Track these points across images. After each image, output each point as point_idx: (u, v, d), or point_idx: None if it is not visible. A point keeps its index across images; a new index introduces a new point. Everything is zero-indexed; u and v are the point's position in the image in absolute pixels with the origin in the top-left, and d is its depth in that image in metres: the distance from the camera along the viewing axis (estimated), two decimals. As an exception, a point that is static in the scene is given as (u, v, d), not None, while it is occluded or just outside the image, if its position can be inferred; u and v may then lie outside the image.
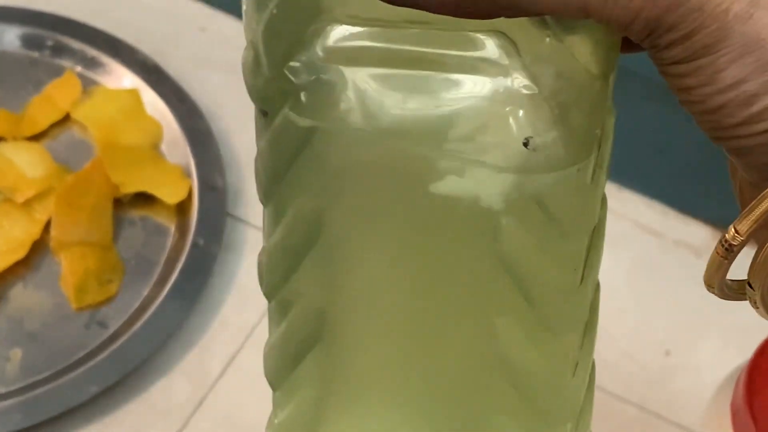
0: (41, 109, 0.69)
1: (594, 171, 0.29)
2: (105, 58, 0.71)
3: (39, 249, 0.64)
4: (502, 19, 0.25)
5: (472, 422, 0.32)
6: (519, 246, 0.29)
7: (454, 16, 0.25)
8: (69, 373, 0.59)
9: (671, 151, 0.66)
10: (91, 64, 0.71)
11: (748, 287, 0.27)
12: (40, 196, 0.64)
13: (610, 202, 0.32)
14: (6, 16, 0.73)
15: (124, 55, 0.71)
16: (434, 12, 0.25)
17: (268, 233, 0.31)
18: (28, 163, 0.66)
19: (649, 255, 0.67)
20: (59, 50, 0.72)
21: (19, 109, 0.69)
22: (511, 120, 0.27)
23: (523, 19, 0.26)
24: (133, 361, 0.59)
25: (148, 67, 0.71)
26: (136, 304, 0.62)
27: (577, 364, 0.32)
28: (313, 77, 0.27)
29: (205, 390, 0.60)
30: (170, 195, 0.66)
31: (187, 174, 0.67)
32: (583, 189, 0.29)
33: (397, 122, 0.27)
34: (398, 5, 0.25)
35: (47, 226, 0.64)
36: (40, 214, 0.64)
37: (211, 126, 0.69)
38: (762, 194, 0.26)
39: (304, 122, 0.28)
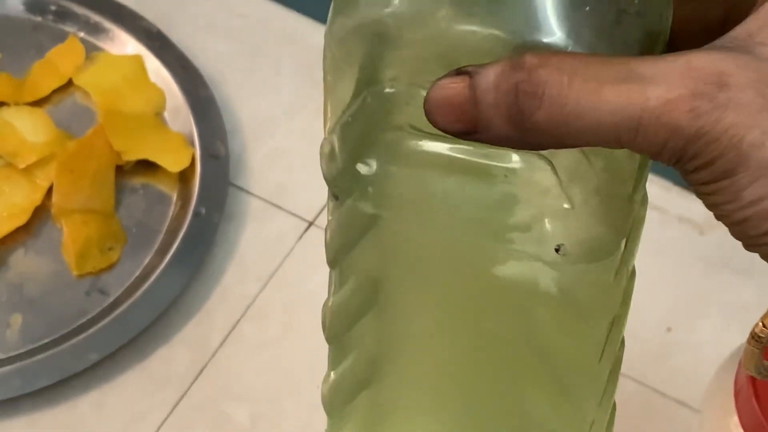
0: (44, 75, 0.69)
1: (618, 268, 0.33)
2: (108, 24, 0.71)
3: (40, 215, 0.64)
4: None
5: None
6: (544, 325, 0.34)
7: (506, 147, 0.29)
8: (69, 340, 0.59)
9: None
10: (95, 29, 0.71)
11: None
12: (41, 162, 0.64)
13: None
14: (9, -20, 0.72)
15: (128, 22, 0.71)
16: (489, 144, 0.28)
17: (333, 290, 0.37)
18: (30, 128, 0.65)
19: (651, 231, 0.66)
20: (62, 15, 0.71)
21: (22, 74, 0.69)
22: (547, 224, 0.31)
23: None
24: (133, 329, 0.59)
25: (151, 33, 0.70)
26: (137, 272, 0.62)
27: (593, 422, 0.37)
28: (380, 174, 0.32)
29: (205, 359, 0.60)
30: (173, 163, 0.65)
31: (190, 142, 0.66)
32: (604, 283, 0.33)
33: (448, 217, 0.32)
34: (461, 138, 0.28)
35: (49, 193, 0.64)
36: (42, 180, 0.64)
37: (214, 94, 0.68)
38: None
39: (368, 210, 0.33)
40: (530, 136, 0.27)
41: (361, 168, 0.32)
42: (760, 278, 0.65)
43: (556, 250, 0.31)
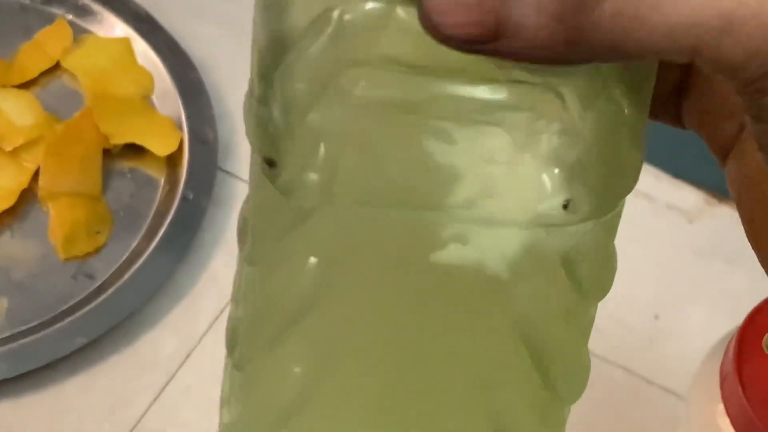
0: (31, 57, 0.69)
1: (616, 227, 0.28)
2: (97, 6, 0.70)
3: (27, 198, 0.63)
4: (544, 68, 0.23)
5: None
6: (537, 312, 0.27)
7: (530, 61, 0.22)
8: (55, 324, 0.58)
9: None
10: (83, 12, 0.71)
11: None
12: (28, 145, 0.64)
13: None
14: (-3, -39, 0.72)
15: (116, 4, 0.70)
16: (510, 58, 0.22)
17: (243, 295, 0.29)
18: (17, 111, 0.65)
19: (640, 219, 0.67)
20: (51, -3, 0.71)
21: (9, 56, 0.68)
22: (550, 177, 0.25)
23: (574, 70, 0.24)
24: (120, 313, 0.59)
25: (140, 16, 0.70)
26: (124, 256, 0.62)
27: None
28: (335, 129, 0.25)
29: (192, 343, 0.60)
30: (160, 147, 0.65)
31: (178, 126, 0.66)
32: (606, 245, 0.28)
33: (427, 181, 0.25)
34: (471, 50, 0.22)
35: (36, 176, 0.63)
36: (29, 163, 0.63)
37: (203, 78, 0.68)
38: None
39: (316, 180, 0.25)
40: (581, 41, 0.21)
41: (313, 121, 0.25)
42: (749, 266, 0.64)
43: (564, 207, 0.25)
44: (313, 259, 0.27)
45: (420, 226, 0.26)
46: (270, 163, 0.26)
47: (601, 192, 0.26)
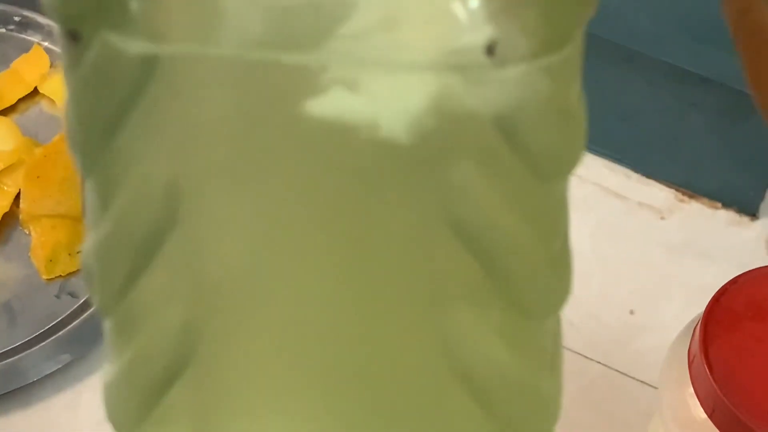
0: (9, 85, 0.70)
1: (579, 78, 0.22)
2: (72, 33, 0.72)
3: (9, 221, 0.64)
4: None
5: None
6: (478, 199, 0.20)
7: None
8: (41, 342, 0.59)
9: (634, 115, 0.67)
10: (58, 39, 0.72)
11: None
12: (9, 169, 0.65)
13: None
14: (-28, -8, 0.73)
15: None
16: None
17: (93, 220, 0.22)
18: (-3, 136, 0.66)
19: (613, 217, 0.68)
20: (26, 25, 0.72)
21: (-13, 84, 0.70)
22: (465, 8, 0.19)
23: None
24: (105, 330, 0.60)
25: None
26: (107, 274, 0.63)
27: (553, 354, 0.25)
28: None
29: (177, 357, 0.61)
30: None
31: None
32: (564, 99, 0.21)
33: (272, 24, 0.19)
34: None
35: (17, 199, 0.64)
36: (10, 187, 0.65)
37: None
38: None
39: (137, 47, 0.19)
40: None
41: None
42: (721, 261, 0.66)
43: (490, 51, 0.19)
44: (158, 157, 0.20)
45: (295, 74, 0.19)
46: (74, 35, 0.20)
47: (541, 23, 0.20)
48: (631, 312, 0.64)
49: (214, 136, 0.19)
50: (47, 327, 0.60)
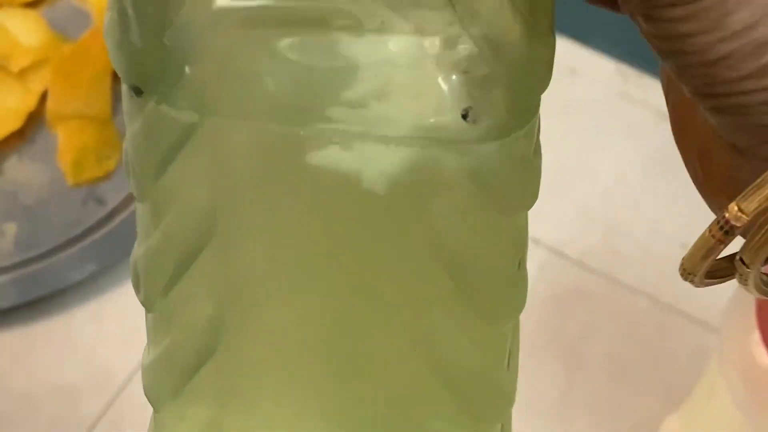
0: (38, -25, 0.67)
1: (537, 136, 0.26)
2: (105, -77, 0.68)
3: (35, 121, 0.61)
4: None
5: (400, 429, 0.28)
6: (452, 230, 0.26)
7: None
8: (66, 250, 0.57)
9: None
10: (91, -72, 0.68)
11: (739, 263, 0.23)
12: (35, 66, 0.62)
13: (630, 88, 0.29)
14: None
15: None
16: None
17: (144, 233, 0.27)
18: (24, 30, 0.63)
19: (669, 145, 0.64)
20: None
21: (15, -26, 0.66)
22: (442, 84, 0.24)
23: None
24: (132, 240, 0.57)
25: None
26: (135, 181, 0.60)
27: (510, 352, 0.29)
28: (198, 46, 0.23)
29: (206, 271, 0.59)
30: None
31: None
32: (526, 159, 0.26)
33: (299, 95, 0.24)
34: None
35: (43, 98, 0.62)
36: (36, 85, 0.62)
37: None
38: None
39: (185, 106, 0.24)
40: None
41: (172, 38, 0.24)
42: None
43: (464, 116, 0.24)
44: (199, 191, 0.25)
45: (304, 136, 0.25)
46: (136, 91, 0.25)
47: (508, 101, 0.24)
48: (683, 245, 0.61)
49: (242, 177, 0.25)
50: (72, 235, 0.58)
